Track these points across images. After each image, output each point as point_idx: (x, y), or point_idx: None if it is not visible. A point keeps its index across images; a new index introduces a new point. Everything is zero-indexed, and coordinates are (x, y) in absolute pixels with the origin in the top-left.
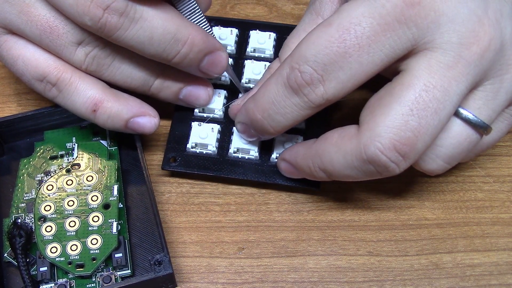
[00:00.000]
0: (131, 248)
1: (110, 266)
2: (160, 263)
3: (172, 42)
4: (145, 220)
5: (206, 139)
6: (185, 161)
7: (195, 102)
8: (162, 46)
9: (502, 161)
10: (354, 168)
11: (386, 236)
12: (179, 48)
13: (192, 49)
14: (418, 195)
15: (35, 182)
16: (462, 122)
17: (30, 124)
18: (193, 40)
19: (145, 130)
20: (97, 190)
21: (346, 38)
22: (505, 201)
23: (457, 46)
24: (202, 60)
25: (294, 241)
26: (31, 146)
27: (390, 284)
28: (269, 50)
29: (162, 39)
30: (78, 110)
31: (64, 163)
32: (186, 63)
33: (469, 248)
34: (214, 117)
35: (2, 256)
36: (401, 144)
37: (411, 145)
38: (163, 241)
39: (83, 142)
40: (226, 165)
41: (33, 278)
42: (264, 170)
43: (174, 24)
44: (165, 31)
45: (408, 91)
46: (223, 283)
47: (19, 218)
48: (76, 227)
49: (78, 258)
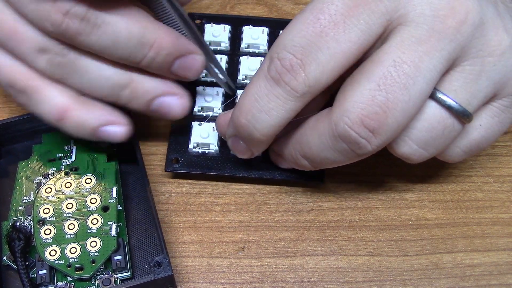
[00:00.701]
0: (131, 250)
1: (110, 269)
2: (159, 265)
3: (138, 46)
4: (145, 222)
5: (207, 138)
6: (188, 162)
7: (167, 114)
8: (127, 50)
9: (502, 161)
10: (329, 148)
11: (386, 236)
12: (145, 52)
13: (159, 52)
14: (418, 195)
15: (33, 185)
16: (436, 104)
17: (27, 127)
18: (160, 43)
19: (114, 139)
20: (96, 193)
21: (320, 18)
22: (505, 201)
23: (431, 19)
24: (172, 63)
25: (294, 241)
26: (29, 149)
27: (390, 284)
28: (263, 45)
29: (127, 43)
30: (46, 118)
31: (62, 166)
32: (155, 66)
33: (469, 248)
34: (213, 116)
35: (1, 260)
36: (369, 119)
37: (380, 120)
38: (162, 242)
39: (81, 144)
40: (229, 163)
41: (33, 281)
42: (267, 167)
43: (140, 27)
44: (130, 35)
45: (377, 67)
46: (223, 283)
47: (18, 221)
48: (75, 229)
49: (77, 261)
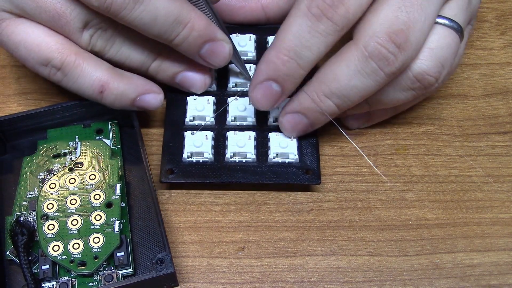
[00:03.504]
0: (133, 247)
1: (112, 265)
2: (162, 262)
3: (174, 24)
4: (147, 219)
5: (201, 147)
6: (182, 172)
7: (189, 88)
8: (164, 27)
9: (502, 161)
10: (358, 73)
11: (386, 236)
12: (179, 30)
13: (191, 32)
14: (418, 195)
15: (38, 181)
16: (443, 26)
17: (32, 122)
18: (193, 24)
19: (151, 107)
20: (99, 189)
21: None
22: (505, 201)
23: None
24: (201, 46)
25: (294, 241)
26: (34, 144)
27: (390, 284)
28: (251, 52)
29: (164, 20)
30: (85, 92)
31: (67, 162)
32: (186, 46)
33: (469, 248)
34: (206, 124)
35: (5, 254)
36: (395, 35)
37: (404, 36)
38: (165, 240)
39: (86, 141)
40: (225, 170)
41: (35, 276)
42: (263, 172)
43: (177, 7)
44: (168, 13)
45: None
46: (223, 283)
47: (22, 216)
48: (78, 225)
49: (80, 257)
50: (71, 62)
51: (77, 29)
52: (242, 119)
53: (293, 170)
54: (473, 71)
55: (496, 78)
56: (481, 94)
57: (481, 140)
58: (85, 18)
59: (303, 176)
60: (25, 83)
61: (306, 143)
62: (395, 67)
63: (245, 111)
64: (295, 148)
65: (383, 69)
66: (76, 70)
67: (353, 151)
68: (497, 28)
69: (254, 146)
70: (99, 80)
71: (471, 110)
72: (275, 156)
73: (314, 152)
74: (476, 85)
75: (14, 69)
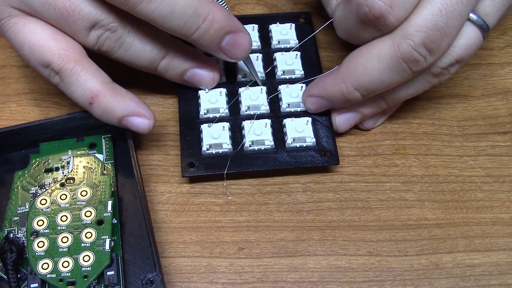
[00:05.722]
0: (124, 265)
1: (102, 284)
2: (152, 282)
3: (193, 16)
4: (140, 236)
5: (219, 138)
6: (203, 164)
7: (198, 84)
8: (183, 20)
9: (502, 161)
10: (389, 70)
11: (386, 236)
12: (199, 23)
13: (212, 25)
14: (418, 195)
15: (29, 196)
16: (473, 25)
17: (24, 136)
18: (214, 16)
19: (138, 130)
20: (91, 206)
21: None
22: (505, 201)
23: None
24: (222, 38)
25: (294, 241)
26: (26, 158)
27: (390, 284)
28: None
29: (183, 13)
30: (77, 100)
31: (59, 176)
32: (207, 39)
33: (469, 248)
34: (220, 116)
35: None
36: (429, 41)
37: (438, 42)
38: (156, 259)
39: (78, 156)
40: (245, 159)
41: None
42: (282, 157)
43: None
44: (187, 5)
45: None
46: (223, 283)
47: (12, 232)
48: (68, 243)
49: (69, 275)
50: (68, 69)
51: (85, 28)
52: (255, 108)
53: (311, 153)
54: (473, 71)
55: (496, 78)
56: (481, 94)
57: (481, 140)
58: (94, 18)
59: (322, 159)
60: (25, 83)
61: (320, 125)
62: (422, 67)
63: (257, 100)
64: (311, 131)
65: (412, 69)
66: (71, 78)
67: (353, 151)
68: (497, 28)
69: (271, 133)
70: (91, 91)
71: (471, 110)
72: (292, 141)
73: (330, 134)
74: (476, 85)
75: (14, 69)
